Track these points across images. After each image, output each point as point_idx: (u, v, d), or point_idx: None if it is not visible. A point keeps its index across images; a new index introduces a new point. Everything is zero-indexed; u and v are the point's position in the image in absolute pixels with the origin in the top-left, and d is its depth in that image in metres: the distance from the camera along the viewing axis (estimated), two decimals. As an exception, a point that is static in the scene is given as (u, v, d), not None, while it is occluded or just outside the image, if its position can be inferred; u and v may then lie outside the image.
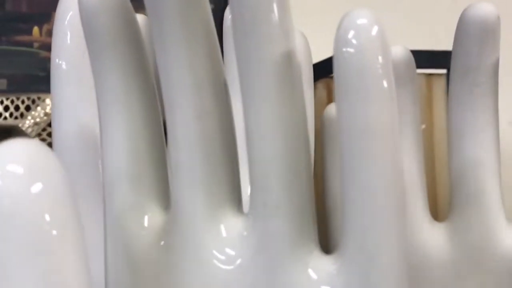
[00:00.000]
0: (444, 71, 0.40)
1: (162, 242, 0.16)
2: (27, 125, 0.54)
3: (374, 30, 0.13)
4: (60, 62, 0.21)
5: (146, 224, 0.16)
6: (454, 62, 0.23)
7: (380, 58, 0.13)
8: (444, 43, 0.31)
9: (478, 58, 0.22)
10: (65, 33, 0.21)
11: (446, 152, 0.25)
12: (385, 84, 0.14)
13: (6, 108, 0.56)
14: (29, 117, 0.55)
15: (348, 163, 0.14)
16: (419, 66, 0.35)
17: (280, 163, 0.15)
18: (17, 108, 0.56)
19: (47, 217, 0.11)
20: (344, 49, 0.13)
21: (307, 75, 0.22)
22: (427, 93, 0.36)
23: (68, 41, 0.21)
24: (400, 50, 0.23)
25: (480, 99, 0.23)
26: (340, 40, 0.14)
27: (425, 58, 0.36)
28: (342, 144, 0.14)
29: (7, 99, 0.56)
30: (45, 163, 0.11)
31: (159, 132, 0.17)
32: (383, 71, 0.14)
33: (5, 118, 0.56)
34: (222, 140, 0.16)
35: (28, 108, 0.55)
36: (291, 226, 0.15)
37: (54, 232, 0.11)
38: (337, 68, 0.14)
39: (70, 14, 0.21)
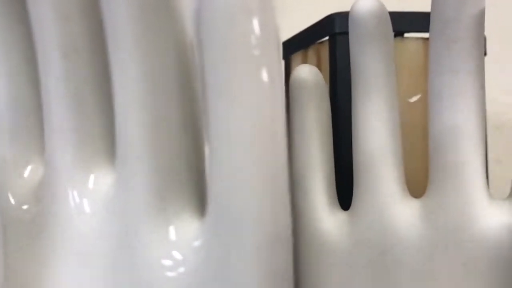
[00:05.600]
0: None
1: (37, 196, 0.15)
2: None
3: None
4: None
5: (26, 176, 0.15)
6: (433, 16, 0.20)
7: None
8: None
9: (457, 9, 0.19)
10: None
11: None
12: (264, 72, 0.11)
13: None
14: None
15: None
16: (416, 29, 0.32)
17: (140, 110, 0.12)
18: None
19: None
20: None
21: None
22: (424, 59, 0.32)
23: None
24: (369, 2, 0.20)
25: (459, 57, 0.20)
26: None
27: (422, 20, 0.32)
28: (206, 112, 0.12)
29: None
30: None
31: None
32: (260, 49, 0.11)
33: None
34: (95, 84, 0.14)
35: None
36: (153, 181, 0.13)
37: None
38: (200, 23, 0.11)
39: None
